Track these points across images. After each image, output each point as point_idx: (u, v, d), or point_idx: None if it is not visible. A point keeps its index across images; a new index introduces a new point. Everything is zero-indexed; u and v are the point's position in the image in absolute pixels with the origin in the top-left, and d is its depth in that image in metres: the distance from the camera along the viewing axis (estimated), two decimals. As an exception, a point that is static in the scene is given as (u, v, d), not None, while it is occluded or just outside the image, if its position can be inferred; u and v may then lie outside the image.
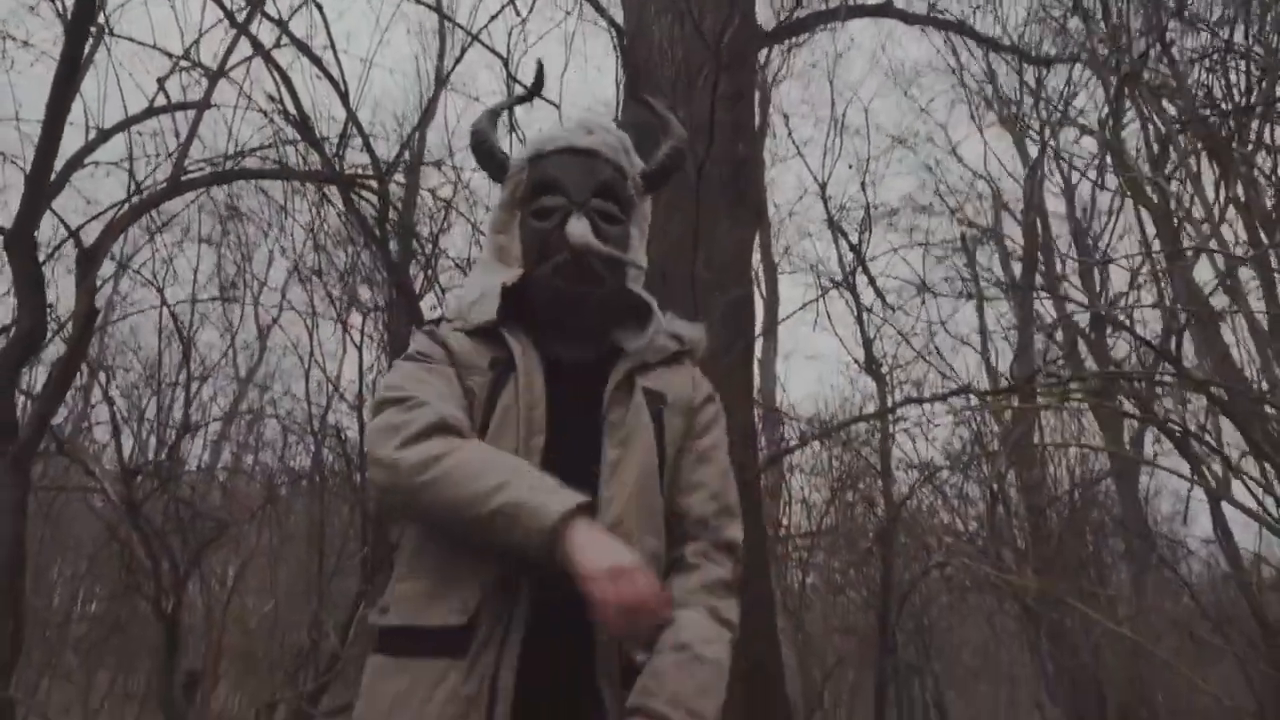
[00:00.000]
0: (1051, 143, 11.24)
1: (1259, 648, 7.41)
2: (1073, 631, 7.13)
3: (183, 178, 4.42)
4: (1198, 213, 6.25)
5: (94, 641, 10.78)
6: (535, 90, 1.78)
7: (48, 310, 4.46)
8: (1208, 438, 5.68)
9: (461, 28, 5.58)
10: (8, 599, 3.89)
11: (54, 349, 5.65)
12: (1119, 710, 8.55)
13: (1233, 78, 6.21)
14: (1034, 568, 8.42)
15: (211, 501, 9.46)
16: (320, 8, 5.05)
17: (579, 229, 1.38)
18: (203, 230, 8.90)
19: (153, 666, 11.92)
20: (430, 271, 7.62)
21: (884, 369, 6.07)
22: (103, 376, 7.36)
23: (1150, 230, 7.34)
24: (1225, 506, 5.32)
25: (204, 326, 9.75)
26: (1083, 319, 9.69)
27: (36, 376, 6.97)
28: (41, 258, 4.33)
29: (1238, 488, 5.45)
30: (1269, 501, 4.52)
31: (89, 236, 4.30)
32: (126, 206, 4.27)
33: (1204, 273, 8.13)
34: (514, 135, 4.84)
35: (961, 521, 8.27)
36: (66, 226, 4.08)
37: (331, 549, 9.30)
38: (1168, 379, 4.85)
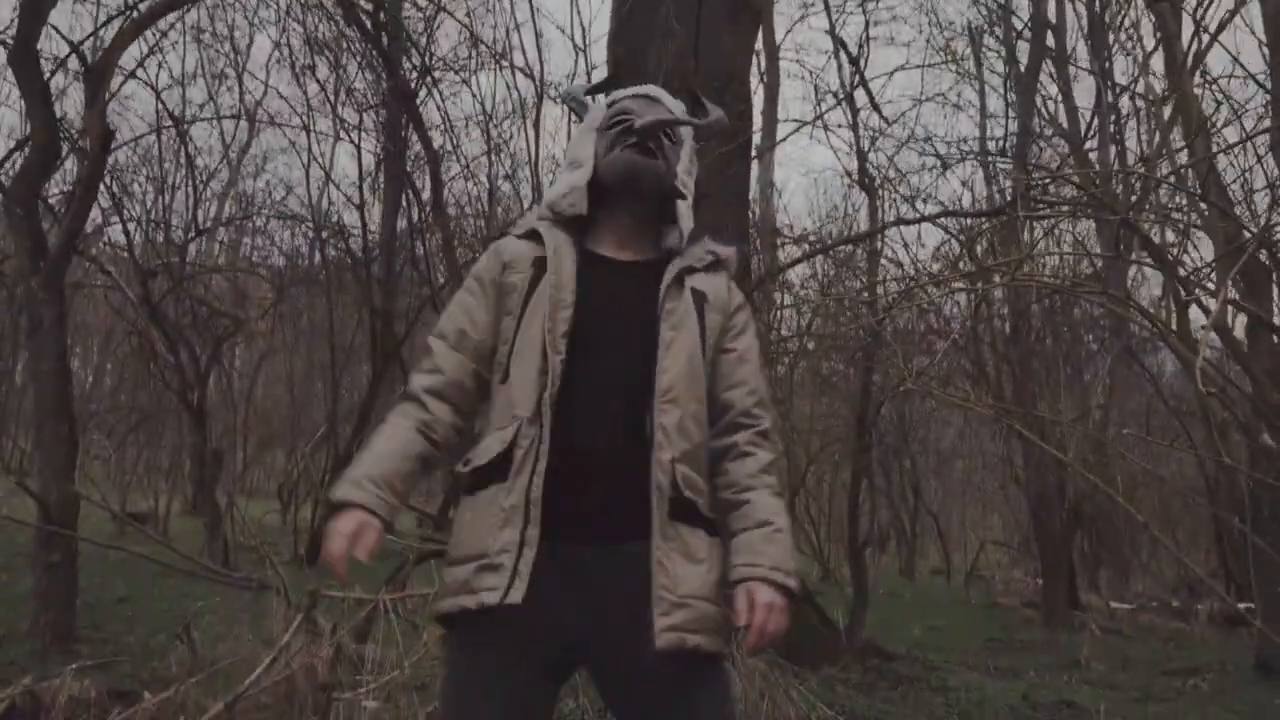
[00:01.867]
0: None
1: (1208, 438, 7.97)
2: (1039, 424, 7.63)
3: (179, -11, 4.36)
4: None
5: (124, 428, 11.40)
6: (610, 83, 2.03)
7: (60, 123, 4.51)
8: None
9: None
10: (60, 404, 4.23)
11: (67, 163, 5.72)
12: (1077, 492, 9.29)
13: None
14: (1010, 365, 8.87)
15: (222, 297, 9.75)
16: None
17: (643, 118, 1.68)
18: (190, 23, 8.64)
19: (176, 445, 12.68)
20: (424, 69, 7.53)
21: (877, 183, 6.18)
22: (108, 178, 7.39)
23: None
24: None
25: (195, 123, 9.63)
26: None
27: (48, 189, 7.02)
28: (50, 72, 4.34)
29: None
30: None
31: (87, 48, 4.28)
32: (127, 22, 4.25)
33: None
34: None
35: (942, 326, 8.59)
36: (69, 41, 4.08)
37: (340, 341, 9.71)
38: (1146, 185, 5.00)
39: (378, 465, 1.55)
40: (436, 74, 7.24)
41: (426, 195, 8.41)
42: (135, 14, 4.35)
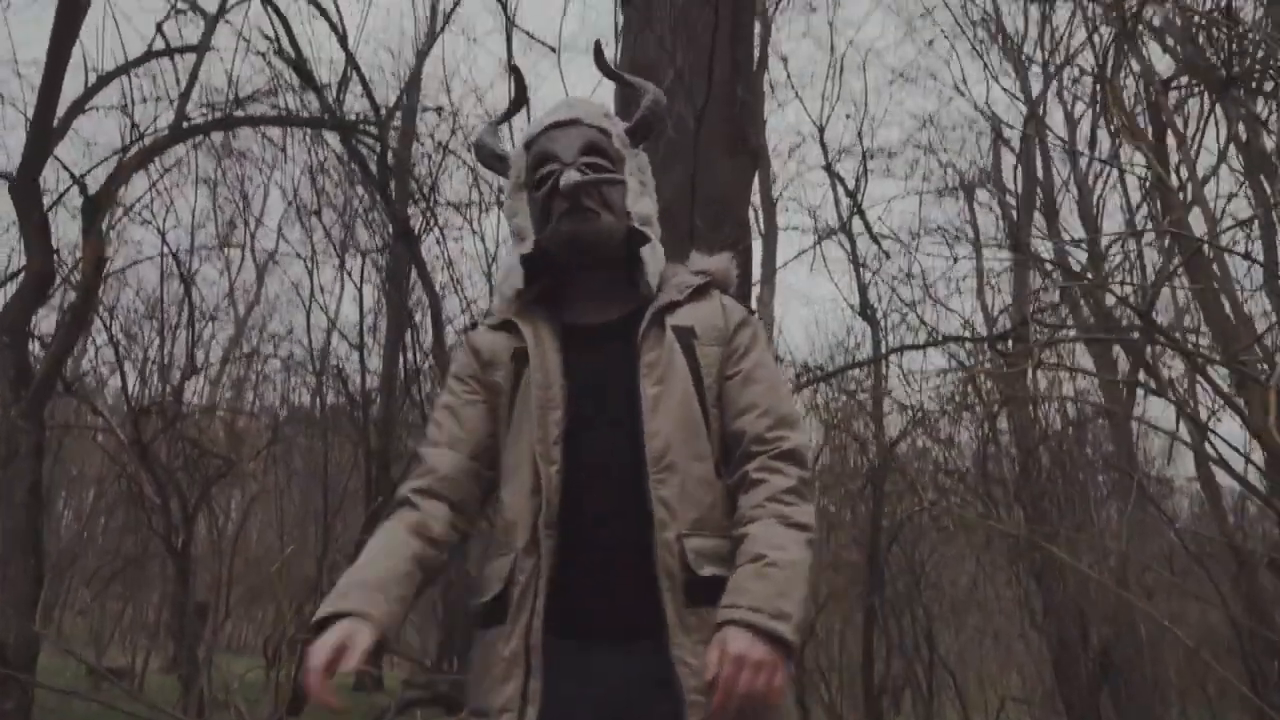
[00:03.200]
0: (1054, 80, 11.18)
1: (1237, 581, 7.64)
2: (1058, 566, 7.33)
3: (184, 124, 4.44)
4: (1187, 173, 6.27)
5: (106, 576, 11.03)
6: (519, 103, 1.90)
7: (55, 255, 4.50)
8: (1195, 392, 5.80)
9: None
10: (28, 538, 4.02)
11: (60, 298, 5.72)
12: (1102, 641, 8.83)
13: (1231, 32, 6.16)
14: (1022, 506, 8.61)
15: (216, 440, 9.60)
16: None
17: (568, 176, 1.49)
18: (200, 170, 8.88)
19: (162, 598, 12.22)
20: (428, 213, 7.65)
21: (879, 314, 6.16)
22: (106, 316, 7.39)
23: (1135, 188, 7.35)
24: (1209, 447, 5.45)
25: (203, 266, 9.79)
26: (1079, 263, 9.75)
27: (40, 321, 7.02)
28: (49, 204, 4.36)
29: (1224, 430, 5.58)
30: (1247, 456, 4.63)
31: (91, 183, 4.32)
32: (130, 154, 4.30)
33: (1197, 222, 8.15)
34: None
35: (951, 461, 8.42)
36: (71, 174, 4.12)
37: (335, 485, 9.50)
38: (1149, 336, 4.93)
39: (366, 571, 1.36)
40: (440, 216, 7.34)
41: (427, 337, 8.42)
42: (141, 147, 4.41)
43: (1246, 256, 5.31)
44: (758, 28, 10.26)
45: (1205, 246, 5.61)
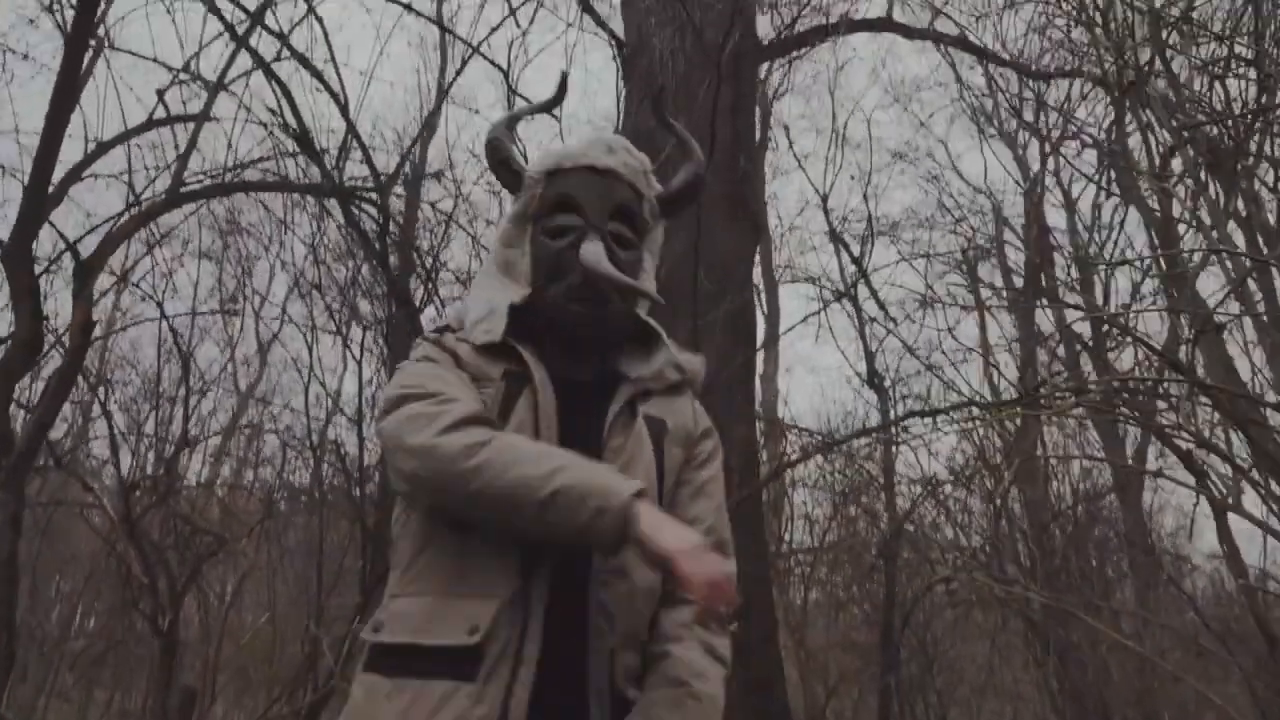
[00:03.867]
0: (1051, 158, 11.27)
1: (1264, 663, 7.33)
2: (1078, 647, 7.05)
3: (181, 189, 4.40)
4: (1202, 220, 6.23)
5: (91, 659, 10.70)
6: (557, 100, 1.75)
7: (45, 323, 4.41)
8: (1215, 448, 5.63)
9: (462, 40, 5.57)
10: (2, 611, 3.84)
11: (53, 363, 5.63)
12: (1126, 726, 8.46)
13: (1234, 90, 6.19)
14: (1038, 584, 8.35)
15: (210, 517, 9.41)
16: (321, 21, 5.05)
17: (594, 252, 1.35)
18: (203, 244, 8.89)
19: (150, 684, 11.83)
20: (430, 285, 7.59)
21: (886, 382, 6.05)
22: (102, 391, 7.29)
23: (1153, 239, 7.31)
24: (1231, 519, 5.25)
25: (204, 341, 9.73)
26: (1084, 329, 9.66)
27: (34, 391, 6.92)
28: (40, 270, 4.30)
29: (1245, 501, 5.40)
30: (1274, 518, 4.46)
31: (87, 248, 4.28)
32: (125, 218, 4.26)
33: (1207, 284, 8.09)
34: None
35: (965, 537, 8.21)
36: (65, 239, 4.06)
37: (329, 565, 9.24)
38: (1174, 388, 4.81)
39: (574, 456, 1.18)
40: (441, 286, 7.28)
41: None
42: (136, 212, 4.36)
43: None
44: (759, 102, 10.38)
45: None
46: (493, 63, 5.10)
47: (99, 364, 10.40)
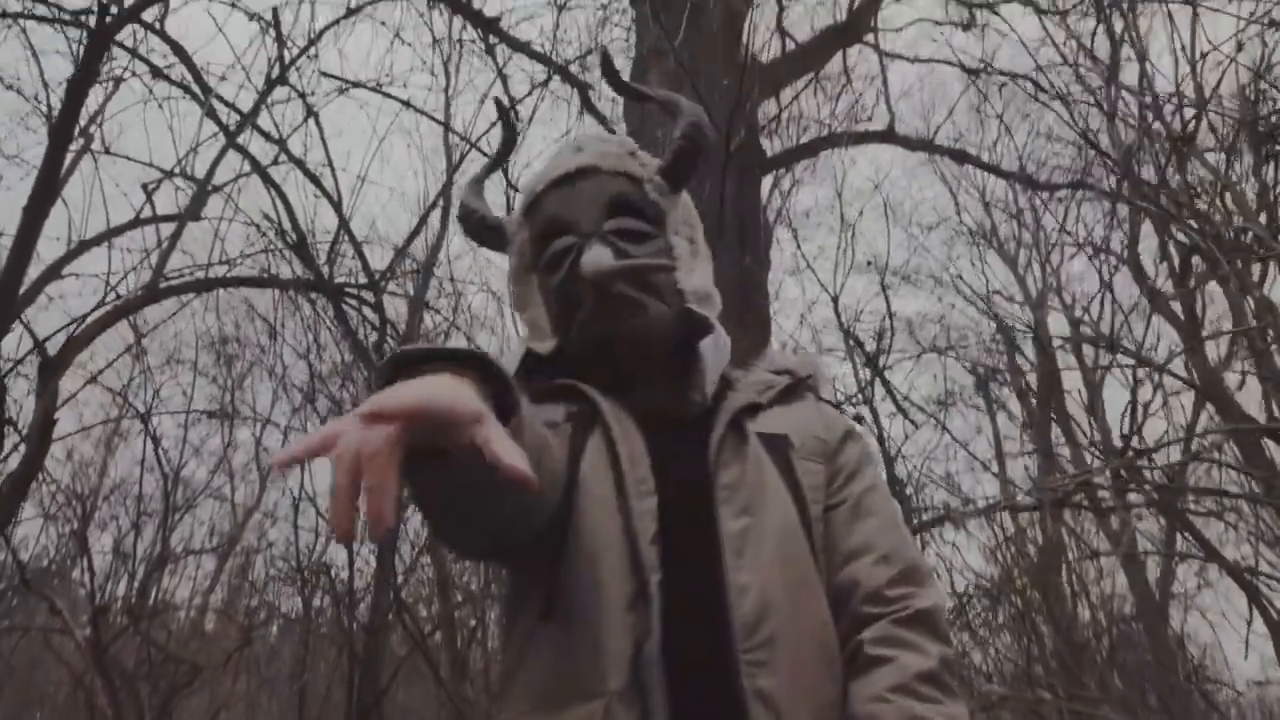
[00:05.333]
0: (1052, 276, 11.26)
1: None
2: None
3: (162, 285, 4.21)
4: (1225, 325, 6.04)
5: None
6: (508, 147, 1.51)
7: (11, 424, 4.14)
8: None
9: (461, 136, 5.49)
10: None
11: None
12: None
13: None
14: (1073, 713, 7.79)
15: (191, 644, 8.89)
16: (319, 122, 4.97)
17: (592, 259, 1.10)
18: (197, 358, 8.71)
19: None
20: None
21: (908, 490, 5.73)
22: (78, 508, 6.96)
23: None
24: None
25: (197, 457, 9.44)
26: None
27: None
28: (6, 369, 4.06)
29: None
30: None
31: (56, 345, 4.05)
32: (97, 314, 4.06)
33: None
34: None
35: (995, 664, 7.72)
36: (34, 337, 3.85)
37: (314, 697, 8.70)
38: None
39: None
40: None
41: (424, 531, 7.93)
42: (114, 305, 4.16)
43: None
44: (763, 206, 10.38)
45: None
46: (489, 158, 4.99)
47: (95, 487, 10.07)
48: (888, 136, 8.68)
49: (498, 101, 1.56)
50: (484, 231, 1.29)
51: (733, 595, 0.92)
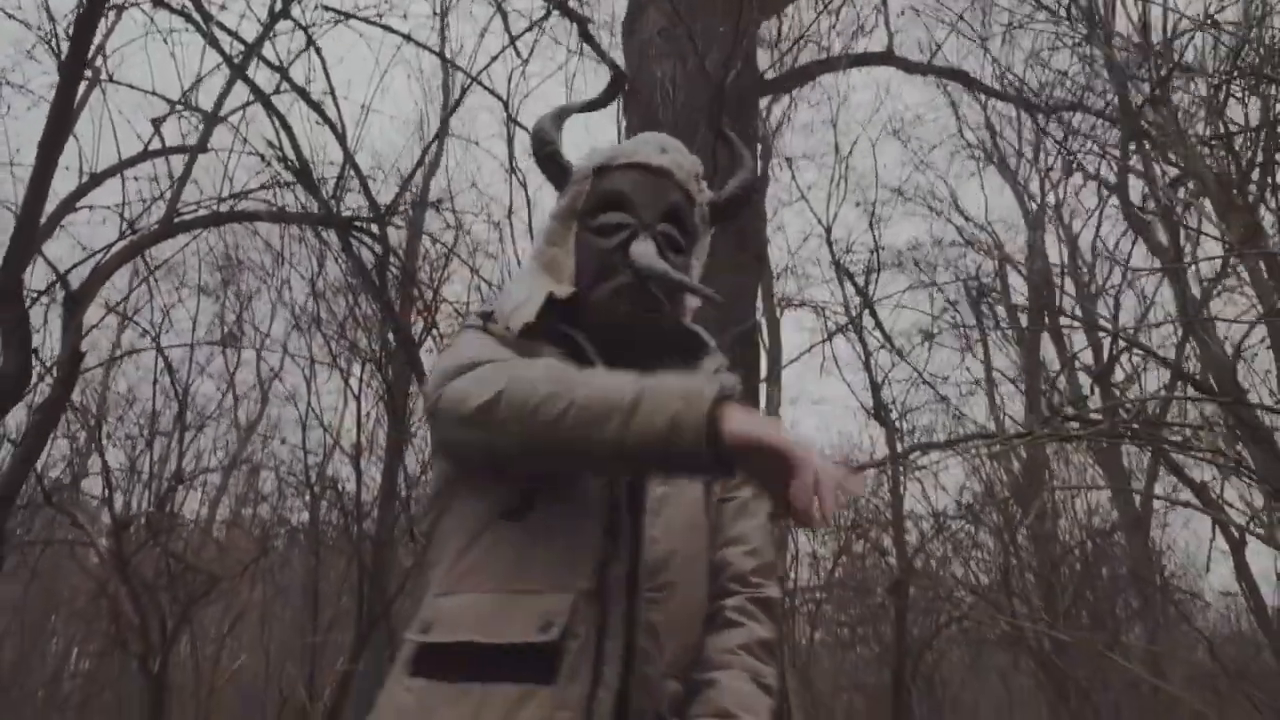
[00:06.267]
0: (1053, 192, 11.27)
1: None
2: (1090, 688, 6.87)
3: (176, 220, 4.34)
4: (1203, 252, 6.18)
5: (82, 701, 10.49)
6: (610, 97, 1.67)
7: (34, 355, 4.32)
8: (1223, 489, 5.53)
9: (462, 70, 5.53)
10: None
11: (43, 397, 5.56)
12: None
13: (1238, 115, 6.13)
14: (1048, 623, 8.18)
15: (206, 555, 9.25)
16: (320, 53, 5.01)
17: (646, 251, 1.27)
18: (201, 279, 8.83)
19: (142, 726, 11.60)
20: (430, 319, 7.52)
21: (893, 415, 5.95)
22: (95, 425, 7.19)
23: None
24: (1249, 554, 5.14)
25: (202, 376, 9.64)
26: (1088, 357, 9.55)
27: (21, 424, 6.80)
28: (30, 301, 4.22)
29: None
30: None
31: (78, 279, 4.20)
32: (116, 249, 4.19)
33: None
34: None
35: (974, 575, 8.07)
36: (55, 270, 3.98)
37: (325, 604, 9.08)
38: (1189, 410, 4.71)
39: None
40: (441, 320, 7.21)
41: (427, 448, 8.17)
42: (130, 240, 4.29)
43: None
44: (760, 135, 10.38)
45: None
46: (492, 92, 5.06)
47: (99, 401, 10.32)
48: (887, 58, 8.64)
49: (617, 70, 1.71)
50: (552, 165, 1.44)
51: (646, 543, 1.14)
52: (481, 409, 1.09)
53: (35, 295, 3.98)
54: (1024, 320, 10.96)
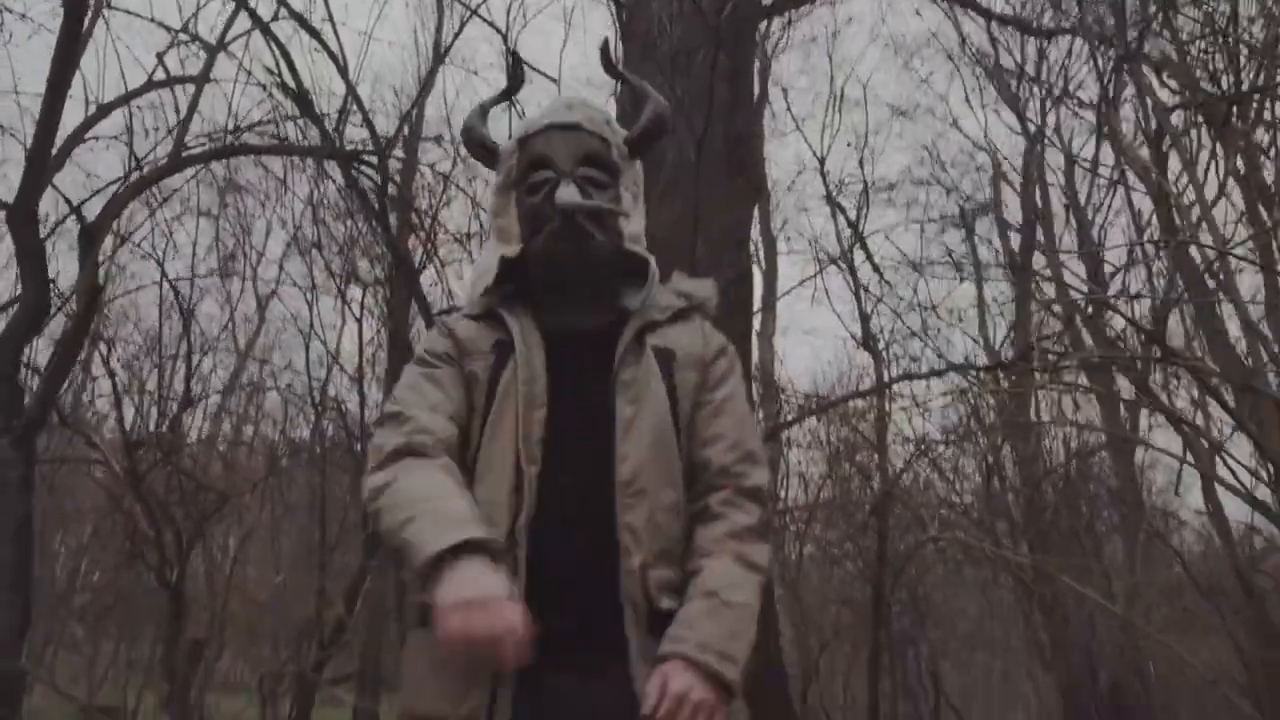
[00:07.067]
0: (1052, 113, 11.24)
1: (1248, 617, 7.51)
2: (1065, 604, 7.21)
3: (183, 154, 4.43)
4: (1192, 195, 6.27)
5: (99, 611, 10.89)
6: (514, 87, 1.82)
7: (50, 285, 4.47)
8: (1197, 417, 5.76)
9: (460, 1, 5.54)
10: (16, 573, 3.95)
11: (55, 324, 5.72)
12: (1111, 680, 8.67)
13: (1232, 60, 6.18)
14: (1028, 541, 8.51)
15: (213, 473, 9.52)
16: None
17: (567, 192, 1.44)
18: (201, 203, 8.89)
19: (157, 636, 12.03)
20: (429, 244, 7.63)
21: (881, 345, 6.11)
22: (104, 348, 7.35)
23: (1147, 207, 7.34)
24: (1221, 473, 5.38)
25: (204, 299, 9.77)
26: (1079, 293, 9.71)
27: (36, 351, 6.96)
28: (43, 233, 4.34)
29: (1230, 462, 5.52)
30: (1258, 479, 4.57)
31: (89, 211, 4.31)
32: (128, 183, 4.28)
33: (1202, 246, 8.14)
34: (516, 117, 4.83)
35: (957, 495, 8.34)
36: (69, 202, 4.09)
37: (333, 520, 9.37)
38: (1158, 358, 4.89)
39: (458, 500, 1.27)
40: (440, 247, 7.32)
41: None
42: (138, 176, 4.39)
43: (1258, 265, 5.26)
44: (758, 63, 10.33)
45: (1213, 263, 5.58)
46: (490, 24, 5.09)
47: (98, 320, 10.44)
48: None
49: (513, 53, 1.86)
50: (480, 150, 1.64)
51: (618, 460, 1.33)
52: (371, 489, 1.33)
53: (52, 227, 4.10)
54: (1016, 244, 11.07)
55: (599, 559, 1.29)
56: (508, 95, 1.83)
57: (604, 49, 1.79)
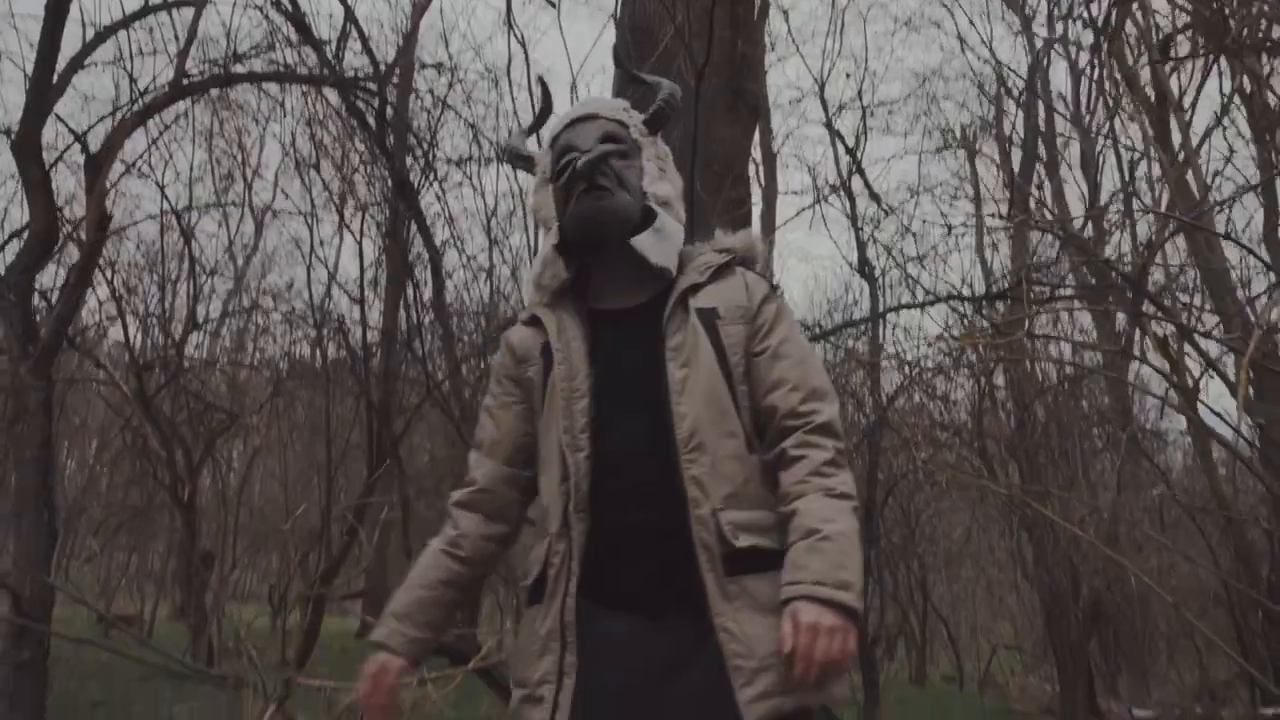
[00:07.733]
0: (1060, 24, 11.06)
1: (1226, 535, 7.78)
2: (1050, 521, 7.44)
3: (183, 81, 4.43)
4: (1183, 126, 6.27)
5: (113, 527, 11.18)
6: (546, 112, 1.96)
7: (58, 213, 4.52)
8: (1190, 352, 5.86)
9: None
10: (40, 493, 4.10)
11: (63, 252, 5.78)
12: (1092, 593, 8.99)
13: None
14: (1017, 459, 8.72)
15: (218, 393, 9.67)
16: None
17: (584, 158, 1.56)
18: (197, 124, 8.83)
19: (169, 548, 12.39)
20: (428, 168, 7.62)
21: (878, 272, 6.19)
22: (107, 271, 7.42)
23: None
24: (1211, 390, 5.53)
25: (201, 220, 9.78)
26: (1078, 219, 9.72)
27: (42, 277, 7.02)
28: (50, 162, 4.37)
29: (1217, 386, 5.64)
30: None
31: (92, 139, 4.33)
32: (130, 112, 4.30)
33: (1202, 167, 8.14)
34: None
35: (947, 414, 8.50)
36: (73, 132, 4.12)
37: (337, 438, 9.56)
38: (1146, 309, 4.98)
39: (402, 598, 1.57)
40: (439, 171, 7.32)
41: (428, 290, 8.43)
42: (140, 104, 4.40)
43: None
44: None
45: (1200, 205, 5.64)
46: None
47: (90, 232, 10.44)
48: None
49: (541, 79, 1.97)
50: (523, 162, 1.80)
51: (676, 419, 1.43)
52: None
53: (58, 156, 4.13)
54: (1018, 164, 11.03)
55: (666, 515, 1.40)
56: (540, 122, 1.96)
57: (616, 54, 2.04)
